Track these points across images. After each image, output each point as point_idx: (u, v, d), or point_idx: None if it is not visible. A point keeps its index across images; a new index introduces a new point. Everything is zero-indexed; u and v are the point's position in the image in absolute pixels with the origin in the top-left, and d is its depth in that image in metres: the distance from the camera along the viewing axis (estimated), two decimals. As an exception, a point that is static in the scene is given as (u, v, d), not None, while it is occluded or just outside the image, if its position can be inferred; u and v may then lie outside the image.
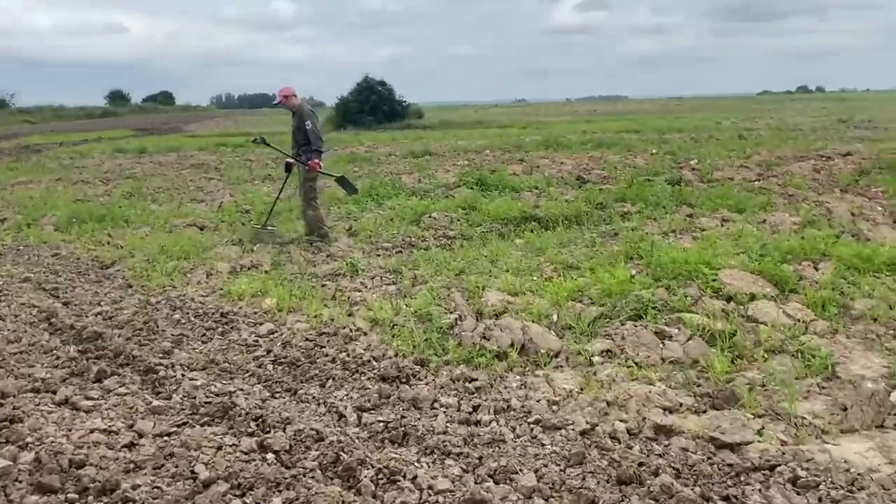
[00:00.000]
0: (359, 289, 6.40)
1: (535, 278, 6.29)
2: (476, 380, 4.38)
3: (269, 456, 3.44)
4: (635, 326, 4.93)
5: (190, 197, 12.79)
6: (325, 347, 5.04)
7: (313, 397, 4.28)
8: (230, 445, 3.55)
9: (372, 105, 43.14)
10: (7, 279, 7.15)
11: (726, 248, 6.76)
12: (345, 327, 5.35)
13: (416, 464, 3.35)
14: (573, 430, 3.70)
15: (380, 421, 3.84)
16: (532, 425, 3.79)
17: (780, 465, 3.28)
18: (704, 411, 3.96)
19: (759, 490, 3.12)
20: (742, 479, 3.23)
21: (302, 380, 4.55)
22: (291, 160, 8.43)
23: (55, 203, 11.62)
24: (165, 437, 3.66)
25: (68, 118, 67.27)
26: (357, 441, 3.60)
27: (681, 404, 4.03)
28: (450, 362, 4.65)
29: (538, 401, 4.10)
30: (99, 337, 5.23)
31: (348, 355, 4.85)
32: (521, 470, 3.29)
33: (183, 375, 4.53)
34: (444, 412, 3.97)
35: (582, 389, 4.26)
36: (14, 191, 14.15)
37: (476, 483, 3.19)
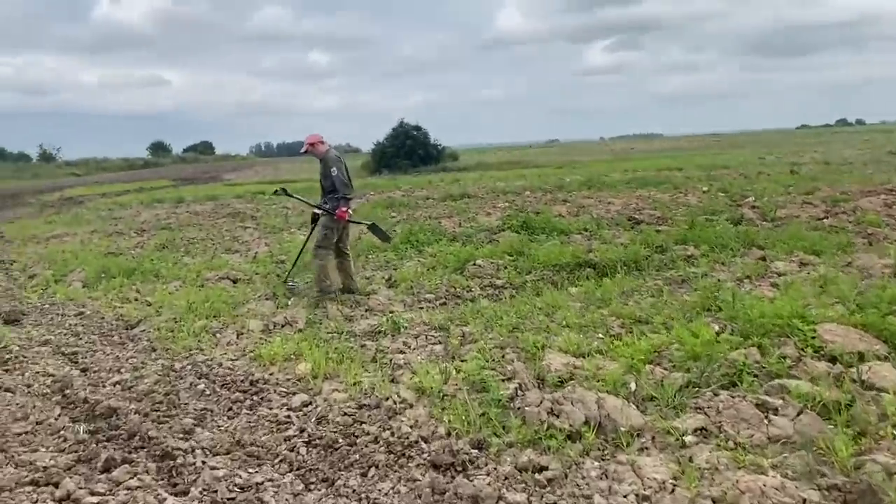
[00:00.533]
0: (402, 349, 5.74)
1: (601, 336, 5.57)
2: (547, 468, 3.66)
3: (301, 581, 2.76)
4: (732, 397, 4.16)
5: (224, 247, 12.37)
6: (365, 424, 4.36)
7: (353, 490, 3.60)
8: (253, 564, 2.89)
9: (407, 149, 43.16)
10: (26, 342, 6.66)
11: (816, 297, 5.96)
12: (388, 398, 4.68)
13: None
14: (677, 539, 2.96)
15: (435, 528, 3.15)
16: (624, 533, 3.06)
17: None
18: (838, 512, 3.18)
19: None
20: None
21: (340, 467, 3.87)
22: (318, 210, 7.88)
23: (86, 257, 11.26)
24: (177, 551, 3.02)
25: (112, 169, 68.87)
26: (409, 558, 2.91)
27: (804, 501, 3.25)
28: (513, 444, 3.94)
29: (625, 496, 3.37)
30: (114, 413, 4.64)
31: (393, 434, 4.17)
32: None
33: (203, 463, 3.90)
34: (513, 514, 3.25)
35: (677, 479, 3.51)
36: (49, 244, 13.93)
37: None
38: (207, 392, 5.06)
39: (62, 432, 4.39)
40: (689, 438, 3.87)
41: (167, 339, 6.50)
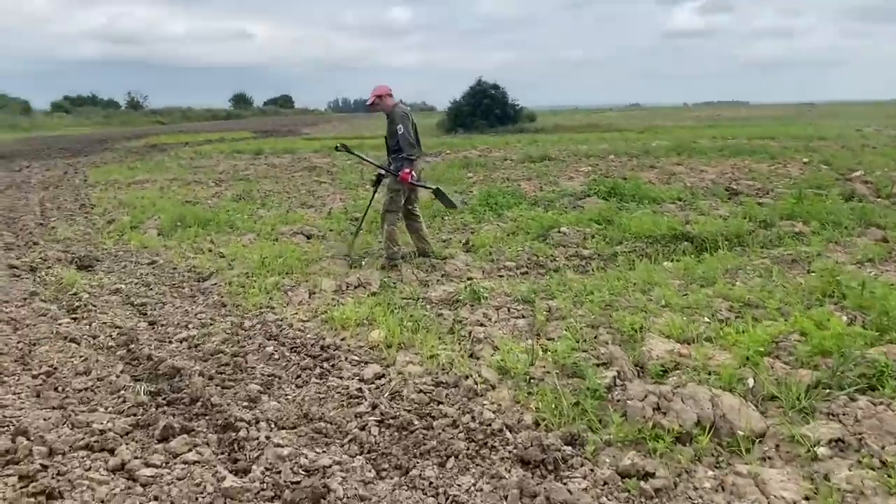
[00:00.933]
0: (482, 322, 5.28)
1: (707, 320, 4.97)
2: (653, 475, 3.16)
3: None
4: (873, 404, 3.54)
5: (300, 201, 12.15)
6: (443, 404, 3.95)
7: (430, 483, 3.20)
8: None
9: (484, 109, 42.32)
10: (97, 290, 6.54)
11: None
12: (467, 377, 4.25)
13: None
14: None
15: (525, 541, 2.71)
16: (753, 567, 2.55)
17: None
18: None
19: None
20: None
21: (415, 453, 3.47)
22: (382, 170, 7.38)
23: (163, 205, 11.24)
24: (233, 544, 2.68)
25: (195, 119, 70.66)
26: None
27: (978, 544, 2.66)
28: (612, 443, 3.45)
29: (749, 517, 2.85)
30: (177, 373, 4.38)
31: (473, 419, 3.75)
32: None
33: (268, 438, 3.56)
34: (617, 531, 2.78)
35: (809, 501, 2.96)
36: (129, 190, 14.07)
37: None
38: (276, 356, 4.74)
39: (122, 392, 4.15)
40: (822, 450, 3.28)
41: (238, 294, 6.26)
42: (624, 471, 3.20)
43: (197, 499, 3.03)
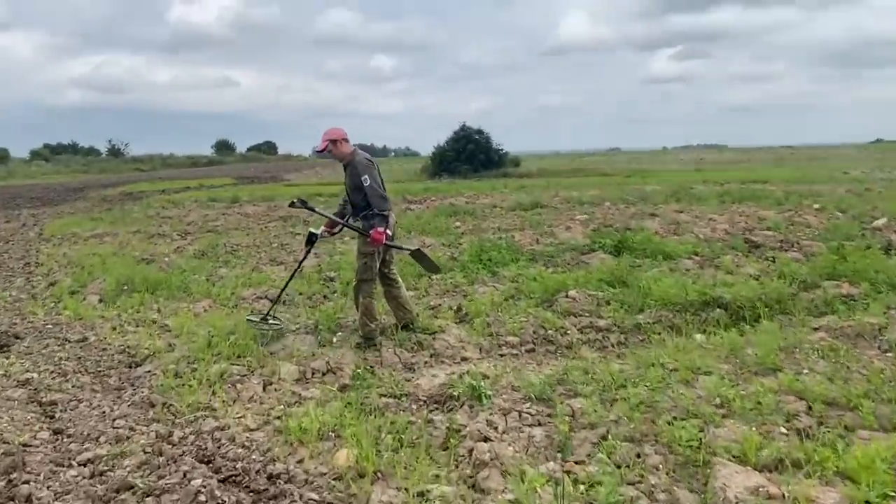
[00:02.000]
0: (485, 433, 4.01)
1: (784, 431, 3.76)
2: None
3: None
4: None
5: (270, 257, 10.89)
6: (438, 585, 2.69)
7: None
8: None
9: (468, 153, 41.71)
10: (1, 381, 5.24)
11: None
12: (472, 534, 3.00)
13: None
14: None
15: None
16: None
17: None
18: None
19: None
20: None
21: None
22: (318, 231, 5.92)
23: (114, 264, 9.93)
24: None
25: (176, 166, 69.58)
26: None
27: None
28: None
29: None
30: (58, 529, 3.09)
31: None
32: None
33: None
34: None
35: None
36: (85, 245, 12.76)
37: None
38: (203, 496, 3.44)
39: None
40: None
41: (173, 389, 4.96)
42: None
43: None
